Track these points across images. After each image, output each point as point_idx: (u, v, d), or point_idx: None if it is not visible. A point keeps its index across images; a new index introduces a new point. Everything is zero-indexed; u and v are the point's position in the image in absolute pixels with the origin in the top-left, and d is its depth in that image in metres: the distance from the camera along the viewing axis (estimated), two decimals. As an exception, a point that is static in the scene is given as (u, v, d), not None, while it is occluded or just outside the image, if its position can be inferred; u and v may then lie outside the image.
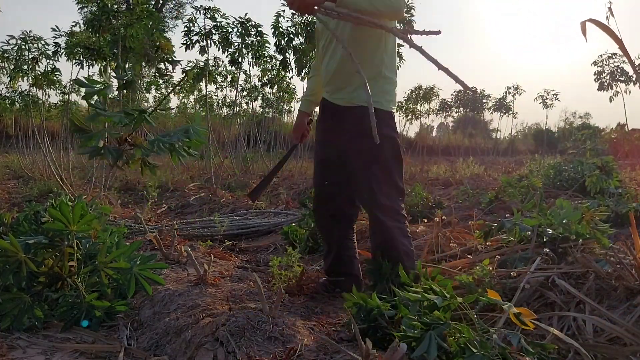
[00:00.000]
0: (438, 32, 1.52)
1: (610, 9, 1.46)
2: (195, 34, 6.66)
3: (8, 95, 9.86)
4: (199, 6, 6.57)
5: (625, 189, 4.83)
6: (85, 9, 5.37)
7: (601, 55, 13.14)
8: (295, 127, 2.40)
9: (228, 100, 12.49)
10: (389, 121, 2.11)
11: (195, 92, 11.99)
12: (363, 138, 1.95)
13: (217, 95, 12.50)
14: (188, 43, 6.66)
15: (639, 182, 5.85)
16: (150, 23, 5.58)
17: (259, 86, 10.65)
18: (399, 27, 2.19)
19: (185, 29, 6.62)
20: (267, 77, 9.73)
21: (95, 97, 1.61)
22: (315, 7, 1.84)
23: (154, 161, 1.73)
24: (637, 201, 4.16)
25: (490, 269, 2.02)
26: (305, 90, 2.46)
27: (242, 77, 9.52)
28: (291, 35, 7.13)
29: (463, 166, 10.79)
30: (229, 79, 10.41)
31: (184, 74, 8.05)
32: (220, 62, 9.62)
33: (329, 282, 2.28)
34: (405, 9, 2.20)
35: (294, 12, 2.34)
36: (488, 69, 79.92)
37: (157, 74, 10.69)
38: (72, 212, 1.96)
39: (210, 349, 1.52)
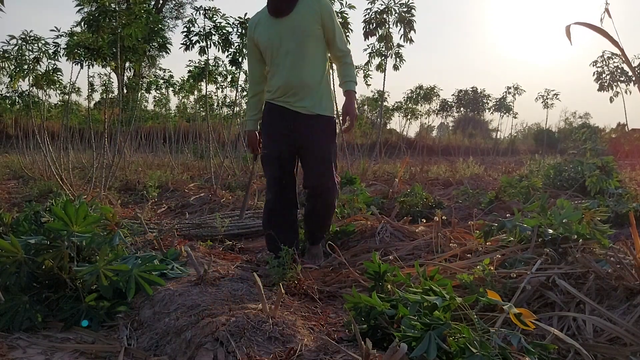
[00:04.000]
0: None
1: (607, 9, 1.45)
2: (195, 35, 6.66)
3: (8, 95, 9.87)
4: (198, 7, 6.58)
5: (625, 189, 4.82)
6: (85, 10, 5.35)
7: (601, 56, 13.13)
8: (255, 144, 2.91)
9: (228, 100, 12.50)
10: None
11: (195, 92, 12.00)
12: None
13: (217, 95, 12.52)
14: (188, 43, 6.67)
15: (639, 182, 5.85)
16: (150, 23, 5.58)
17: (259, 86, 10.61)
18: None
19: (185, 29, 6.63)
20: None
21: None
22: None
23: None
24: (637, 201, 4.16)
25: (492, 268, 2.02)
26: (252, 115, 2.90)
27: (242, 77, 9.52)
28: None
29: (463, 166, 10.79)
30: (229, 79, 10.41)
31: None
32: (220, 62, 9.62)
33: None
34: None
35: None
36: (488, 68, 79.95)
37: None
38: (77, 212, 1.97)
39: (210, 349, 1.52)
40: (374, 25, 8.09)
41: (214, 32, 6.66)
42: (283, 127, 2.71)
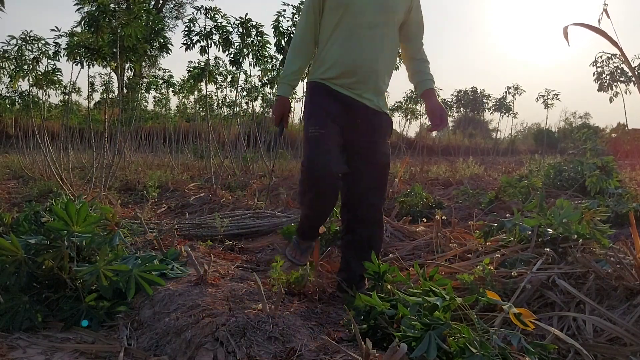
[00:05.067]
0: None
1: (605, 10, 1.45)
2: (196, 34, 6.67)
3: (8, 95, 9.87)
4: (199, 6, 6.58)
5: (625, 189, 4.83)
6: (84, 10, 5.35)
7: (601, 56, 13.14)
8: (285, 113, 2.26)
9: (228, 100, 12.51)
10: None
11: (195, 92, 12.00)
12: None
13: (217, 95, 12.53)
14: (188, 43, 6.67)
15: (639, 182, 5.85)
16: (150, 23, 5.58)
17: (259, 86, 10.67)
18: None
19: (186, 29, 6.63)
20: (267, 77, 9.75)
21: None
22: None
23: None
24: (637, 201, 4.16)
25: (491, 268, 2.02)
26: (292, 74, 2.21)
27: (242, 77, 9.53)
28: (291, 35, 7.15)
29: (463, 166, 10.79)
30: (229, 79, 10.42)
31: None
32: (221, 62, 9.62)
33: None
34: None
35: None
36: (488, 68, 79.96)
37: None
38: (78, 212, 1.97)
39: (210, 349, 1.52)
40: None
41: (214, 32, 6.66)
42: (345, 121, 2.12)
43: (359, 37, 2.05)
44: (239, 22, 6.70)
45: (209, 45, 6.76)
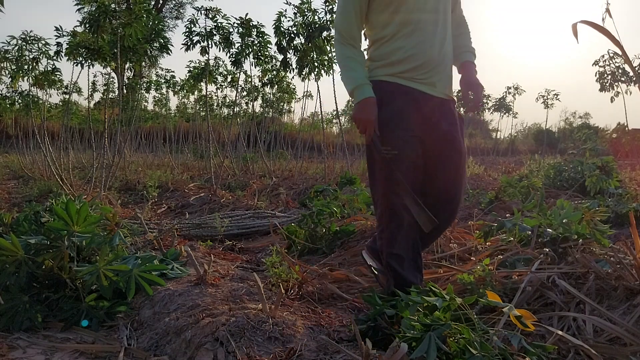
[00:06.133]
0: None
1: (607, 9, 1.45)
2: (196, 35, 6.68)
3: (8, 95, 9.89)
4: (199, 7, 6.59)
5: (625, 189, 4.83)
6: (84, 10, 5.36)
7: (602, 56, 13.17)
8: (373, 116, 1.84)
9: (228, 100, 12.53)
10: None
11: (196, 92, 12.01)
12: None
13: (217, 95, 12.55)
14: (189, 44, 6.68)
15: (639, 182, 5.85)
16: (150, 23, 5.59)
17: (259, 86, 10.69)
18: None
19: (186, 29, 6.64)
20: (267, 77, 9.77)
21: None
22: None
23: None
24: (637, 201, 4.16)
25: (492, 268, 2.02)
26: (364, 75, 1.88)
27: (242, 77, 9.54)
28: (292, 35, 7.15)
29: (463, 166, 10.77)
30: (229, 79, 10.43)
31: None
32: (221, 62, 9.64)
33: None
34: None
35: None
36: (488, 68, 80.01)
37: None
38: (78, 213, 1.97)
39: (210, 349, 1.52)
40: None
41: (215, 32, 6.67)
42: (423, 122, 1.87)
43: (425, 23, 1.83)
44: (239, 22, 6.71)
45: (210, 46, 6.77)
